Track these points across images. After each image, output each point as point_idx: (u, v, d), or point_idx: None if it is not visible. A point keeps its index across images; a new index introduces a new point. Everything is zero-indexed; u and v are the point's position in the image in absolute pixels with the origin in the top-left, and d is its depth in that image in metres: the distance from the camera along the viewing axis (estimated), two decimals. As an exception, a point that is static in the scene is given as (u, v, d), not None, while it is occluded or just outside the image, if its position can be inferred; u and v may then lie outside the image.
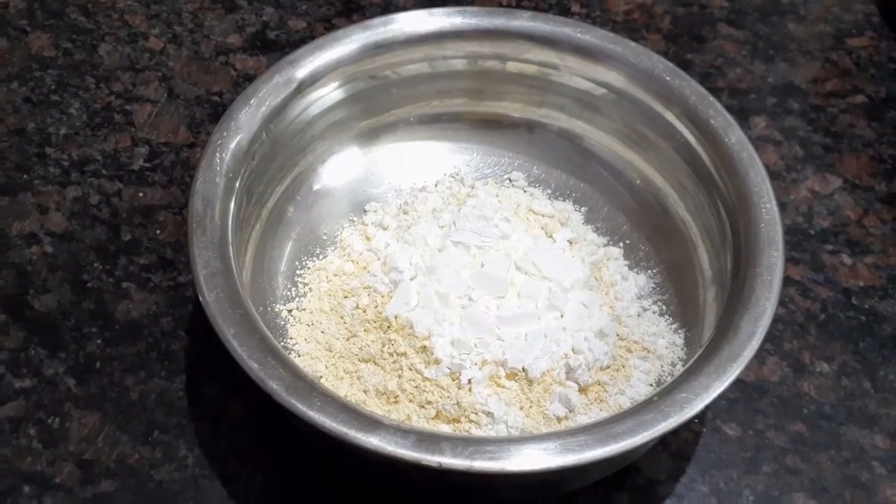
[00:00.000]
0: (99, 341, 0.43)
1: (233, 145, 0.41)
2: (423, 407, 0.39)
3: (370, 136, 0.48)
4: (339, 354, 0.41)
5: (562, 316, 0.42)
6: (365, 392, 0.40)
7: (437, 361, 0.40)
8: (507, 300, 0.41)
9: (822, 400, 0.44)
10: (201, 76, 0.54)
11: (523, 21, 0.46)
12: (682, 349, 0.43)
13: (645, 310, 0.44)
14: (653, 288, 0.45)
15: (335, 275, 0.44)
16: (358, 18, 0.57)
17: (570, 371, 0.41)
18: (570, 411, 0.40)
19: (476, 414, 0.39)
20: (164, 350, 0.43)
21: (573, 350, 0.41)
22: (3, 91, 0.52)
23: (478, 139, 0.49)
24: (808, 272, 0.48)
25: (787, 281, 0.47)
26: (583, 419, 0.40)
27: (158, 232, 0.47)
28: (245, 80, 0.54)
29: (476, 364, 0.40)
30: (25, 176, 0.49)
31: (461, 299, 0.41)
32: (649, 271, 0.45)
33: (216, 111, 0.52)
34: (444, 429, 0.39)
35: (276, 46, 0.56)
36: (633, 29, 0.58)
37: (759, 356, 0.44)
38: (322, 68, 0.45)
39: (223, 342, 0.36)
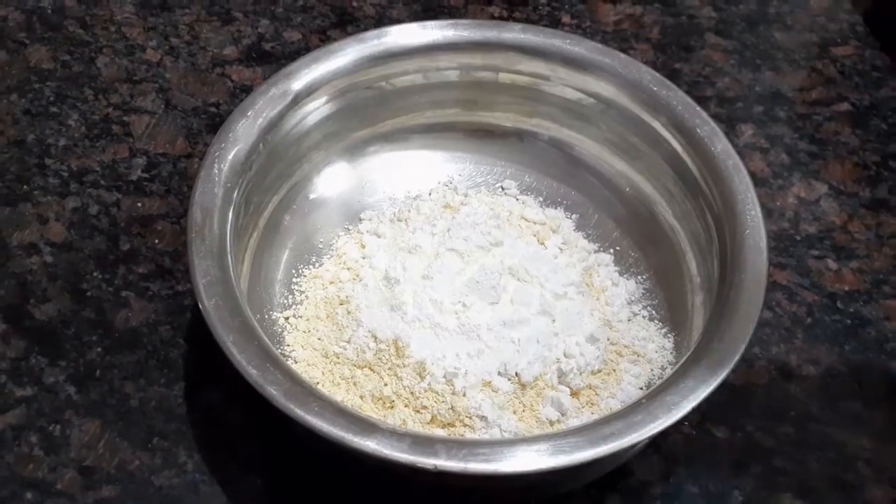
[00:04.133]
0: (99, 349, 0.44)
1: (231, 156, 0.42)
2: (418, 412, 0.40)
3: (365, 146, 0.49)
4: (335, 361, 0.42)
5: (554, 321, 0.42)
6: (361, 398, 0.41)
7: (431, 366, 0.40)
8: (501, 306, 0.42)
9: (808, 402, 0.44)
10: (198, 87, 0.54)
11: (515, 33, 0.47)
12: (671, 353, 0.43)
13: (635, 314, 0.45)
14: (642, 293, 0.46)
15: (331, 282, 0.45)
16: (352, 30, 0.58)
17: (562, 375, 0.41)
18: (563, 415, 0.40)
19: (470, 418, 0.40)
20: (164, 357, 0.43)
21: (565, 354, 0.42)
22: (2, 103, 0.53)
23: (471, 148, 0.50)
24: (795, 277, 0.49)
25: (773, 286, 0.48)
26: (575, 422, 0.40)
27: (157, 241, 0.47)
28: (241, 91, 0.54)
29: (470, 369, 0.40)
30: (25, 187, 0.49)
31: (455, 305, 0.42)
32: (639, 277, 0.46)
33: (213, 122, 0.53)
34: (439, 433, 0.40)
35: (271, 58, 0.56)
36: (623, 39, 0.59)
37: (747, 360, 0.45)
38: (318, 80, 0.45)
39: (223, 349, 0.36)
